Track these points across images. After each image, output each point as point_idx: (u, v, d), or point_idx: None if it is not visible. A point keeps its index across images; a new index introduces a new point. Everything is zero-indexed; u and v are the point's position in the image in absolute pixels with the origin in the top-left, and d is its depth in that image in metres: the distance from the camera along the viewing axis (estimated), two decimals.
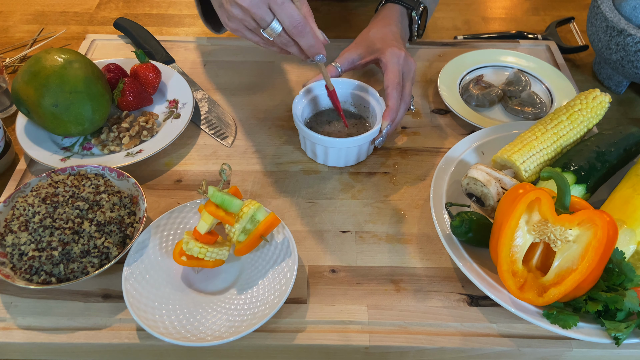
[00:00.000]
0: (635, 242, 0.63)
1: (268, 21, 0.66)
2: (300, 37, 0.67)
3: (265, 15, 0.65)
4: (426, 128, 0.88)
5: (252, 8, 0.64)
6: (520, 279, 0.61)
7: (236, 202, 0.63)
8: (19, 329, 0.64)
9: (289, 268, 0.65)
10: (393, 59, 0.79)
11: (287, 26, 0.66)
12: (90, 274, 0.64)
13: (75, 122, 0.78)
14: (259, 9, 0.64)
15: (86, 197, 0.69)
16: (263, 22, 0.66)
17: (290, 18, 0.65)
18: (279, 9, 0.65)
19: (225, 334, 0.60)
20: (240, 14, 0.67)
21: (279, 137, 0.86)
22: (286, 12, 0.65)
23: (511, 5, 1.22)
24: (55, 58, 0.76)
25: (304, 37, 0.67)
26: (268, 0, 0.64)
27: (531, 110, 0.89)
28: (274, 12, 0.65)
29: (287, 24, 0.66)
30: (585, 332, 0.59)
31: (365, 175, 0.81)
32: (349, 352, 0.64)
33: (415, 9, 0.90)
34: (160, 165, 0.82)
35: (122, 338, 0.63)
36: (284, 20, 0.66)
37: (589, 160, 0.70)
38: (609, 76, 0.97)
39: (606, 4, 0.89)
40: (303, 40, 0.68)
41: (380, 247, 0.72)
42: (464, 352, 0.63)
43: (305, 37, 0.67)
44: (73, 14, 1.15)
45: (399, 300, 0.67)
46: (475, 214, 0.67)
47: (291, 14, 0.65)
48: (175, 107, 0.87)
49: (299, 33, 0.67)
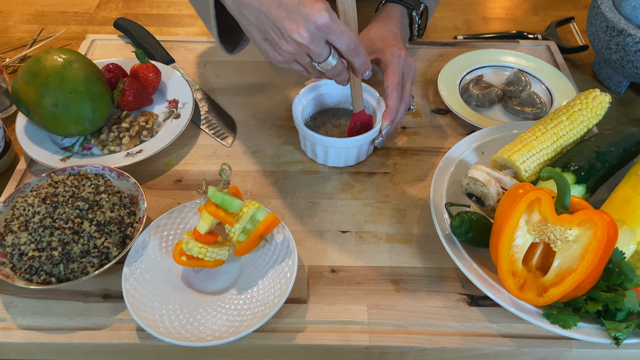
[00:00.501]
0: (635, 242, 0.63)
1: (325, 56, 0.64)
2: (355, 57, 0.66)
3: (322, 50, 0.63)
4: (426, 128, 0.88)
5: (311, 45, 0.62)
6: (520, 279, 0.61)
7: (236, 202, 0.63)
8: (19, 329, 0.64)
9: (289, 268, 0.65)
10: (393, 59, 0.79)
11: (345, 50, 0.65)
12: (90, 274, 0.64)
13: (75, 122, 0.78)
14: (318, 45, 0.62)
15: (86, 197, 0.69)
16: (319, 57, 0.64)
17: (347, 43, 0.64)
18: (337, 38, 0.63)
19: (225, 334, 0.60)
20: (294, 49, 0.63)
21: (279, 137, 0.86)
22: (345, 39, 0.63)
23: (511, 5, 1.22)
24: (55, 58, 0.76)
25: (359, 57, 0.66)
26: (326, 34, 0.62)
27: (531, 110, 0.89)
28: (331, 43, 0.64)
29: (344, 49, 0.64)
30: (585, 332, 0.59)
31: (365, 175, 0.81)
32: (349, 352, 0.64)
33: (415, 8, 0.89)
34: (160, 165, 0.82)
35: (122, 338, 0.63)
36: (341, 47, 0.64)
37: (589, 160, 0.70)
38: (609, 76, 0.97)
39: (606, 4, 0.89)
40: (357, 60, 0.67)
41: (380, 247, 0.72)
42: (464, 352, 0.63)
43: (359, 56, 0.67)
44: (73, 14, 1.15)
45: (399, 300, 0.67)
46: (475, 214, 0.67)
47: (348, 40, 0.64)
48: (175, 107, 0.87)
49: (355, 54, 0.66)
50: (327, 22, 0.61)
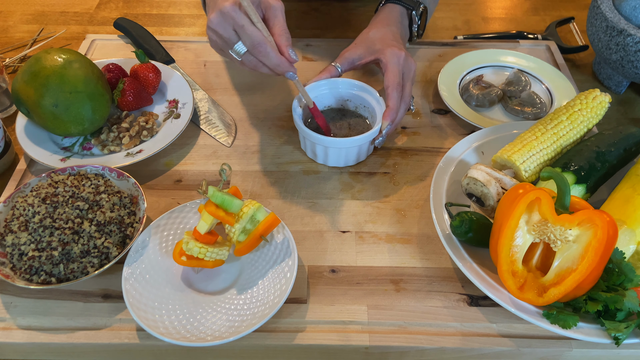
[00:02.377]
0: (635, 242, 0.63)
1: (233, 42, 0.70)
2: (262, 57, 0.70)
3: (231, 36, 0.70)
4: (426, 128, 0.88)
5: (219, 29, 0.69)
6: (520, 279, 0.61)
7: (236, 202, 0.63)
8: (19, 329, 0.64)
9: (289, 268, 0.65)
10: (393, 59, 0.79)
11: (249, 47, 0.70)
12: (90, 274, 0.64)
13: (75, 122, 0.78)
14: (225, 30, 0.69)
15: (86, 197, 0.69)
16: (229, 42, 0.70)
17: (250, 39, 0.69)
18: (240, 30, 0.69)
19: (225, 334, 0.60)
20: (213, 35, 0.71)
21: (279, 137, 0.86)
22: (247, 33, 0.68)
23: (511, 5, 1.22)
24: (55, 58, 0.76)
25: (266, 57, 0.70)
26: (232, 24, 0.68)
27: (531, 110, 0.89)
28: (238, 34, 0.70)
29: (248, 45, 0.70)
30: (585, 332, 0.59)
31: (365, 175, 0.81)
32: (349, 352, 0.64)
33: (415, 9, 0.89)
34: (160, 165, 0.82)
35: (122, 338, 0.63)
36: (245, 42, 0.70)
37: (589, 160, 0.70)
38: (609, 76, 0.97)
39: (606, 4, 0.89)
40: (266, 60, 0.71)
41: (380, 247, 0.72)
42: (464, 352, 0.63)
43: (267, 57, 0.70)
44: (73, 14, 1.15)
45: (399, 300, 0.67)
46: (475, 214, 0.67)
47: (250, 36, 0.69)
48: (175, 107, 0.87)
49: (260, 53, 0.70)
50: (229, 11, 0.67)
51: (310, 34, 1.10)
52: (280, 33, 0.72)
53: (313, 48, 1.02)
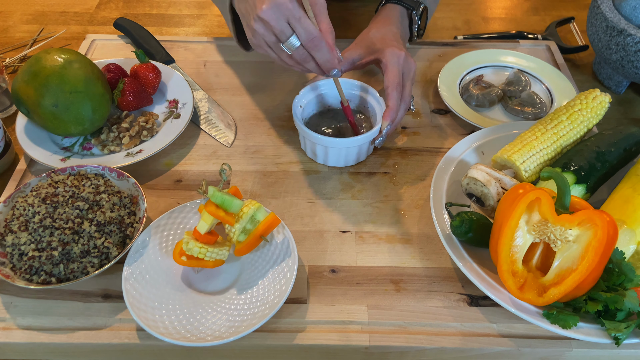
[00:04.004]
0: (635, 242, 0.63)
1: (287, 35, 0.68)
2: (316, 51, 0.70)
3: (284, 28, 0.67)
4: (426, 128, 0.88)
5: (272, 21, 0.67)
6: (520, 279, 0.61)
7: (236, 202, 0.63)
8: (19, 329, 0.64)
9: (289, 268, 0.65)
10: (393, 59, 0.79)
11: (304, 40, 0.68)
12: (90, 274, 0.64)
13: (75, 122, 0.78)
14: (278, 22, 0.67)
15: (86, 197, 0.69)
16: (282, 35, 0.68)
17: (306, 32, 0.68)
18: (296, 23, 0.67)
19: (225, 334, 0.60)
20: (262, 28, 0.69)
21: (279, 137, 0.86)
22: (303, 26, 0.67)
23: (511, 5, 1.22)
24: (55, 58, 0.76)
25: (320, 51, 0.70)
26: (287, 15, 0.66)
27: (531, 110, 0.89)
28: (292, 27, 0.68)
29: (303, 38, 0.68)
30: (585, 332, 0.59)
31: (365, 175, 0.81)
32: (349, 352, 0.64)
33: (415, 9, 0.90)
34: (160, 165, 0.82)
35: (122, 338, 0.63)
36: (300, 34, 0.68)
37: (589, 160, 0.70)
38: (609, 76, 0.97)
39: (606, 4, 0.89)
40: (319, 54, 0.70)
41: (380, 247, 0.72)
42: (464, 352, 0.63)
43: (320, 51, 0.70)
44: (73, 14, 1.15)
45: (399, 300, 0.67)
46: (475, 214, 0.67)
47: (308, 28, 0.67)
48: (175, 107, 0.87)
49: (315, 47, 0.69)
50: (285, 2, 0.65)
51: None
52: (327, 31, 0.71)
53: None
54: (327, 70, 0.73)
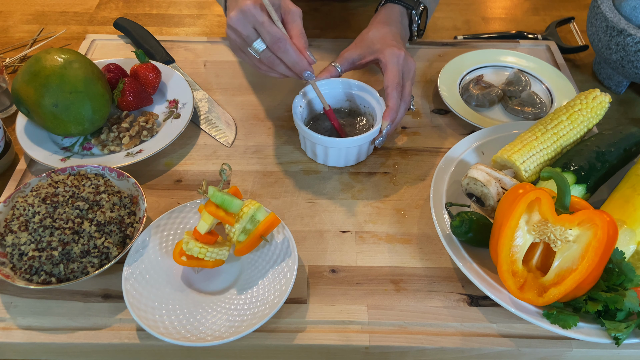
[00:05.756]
0: (635, 242, 0.63)
1: (253, 39, 0.72)
2: (281, 53, 0.72)
3: (250, 33, 0.71)
4: (426, 128, 0.88)
5: (239, 27, 0.71)
6: (520, 279, 0.61)
7: (236, 202, 0.63)
8: (19, 329, 0.64)
9: (289, 268, 0.65)
10: (393, 59, 0.79)
11: (269, 42, 0.71)
12: (90, 274, 0.64)
13: (75, 122, 0.78)
14: (245, 28, 0.71)
15: (86, 197, 0.69)
16: (249, 39, 0.72)
17: (270, 35, 0.70)
18: (260, 27, 0.70)
19: (225, 334, 0.60)
20: (232, 34, 0.73)
21: (279, 137, 0.86)
22: (267, 30, 0.70)
23: (511, 5, 1.22)
24: (55, 58, 0.76)
25: (286, 53, 0.72)
26: (252, 21, 0.70)
27: (531, 110, 0.89)
28: (257, 31, 0.71)
29: (268, 41, 0.71)
30: (585, 332, 0.59)
31: (365, 175, 0.81)
32: (349, 352, 0.64)
33: (415, 8, 0.89)
34: (160, 165, 0.82)
35: (122, 338, 0.63)
36: (265, 38, 0.71)
37: (589, 160, 0.70)
38: (609, 76, 0.97)
39: (606, 4, 0.89)
40: (285, 56, 0.72)
41: (380, 247, 0.72)
42: (464, 352, 0.63)
43: (286, 53, 0.72)
44: (73, 14, 1.15)
45: (399, 300, 0.67)
46: (475, 214, 0.67)
47: (271, 32, 0.70)
48: (175, 107, 0.87)
49: (279, 49, 0.71)
50: (250, 9, 0.69)
51: (310, 34, 1.09)
52: (298, 35, 0.73)
53: (313, 48, 1.02)
54: (298, 72, 0.74)
